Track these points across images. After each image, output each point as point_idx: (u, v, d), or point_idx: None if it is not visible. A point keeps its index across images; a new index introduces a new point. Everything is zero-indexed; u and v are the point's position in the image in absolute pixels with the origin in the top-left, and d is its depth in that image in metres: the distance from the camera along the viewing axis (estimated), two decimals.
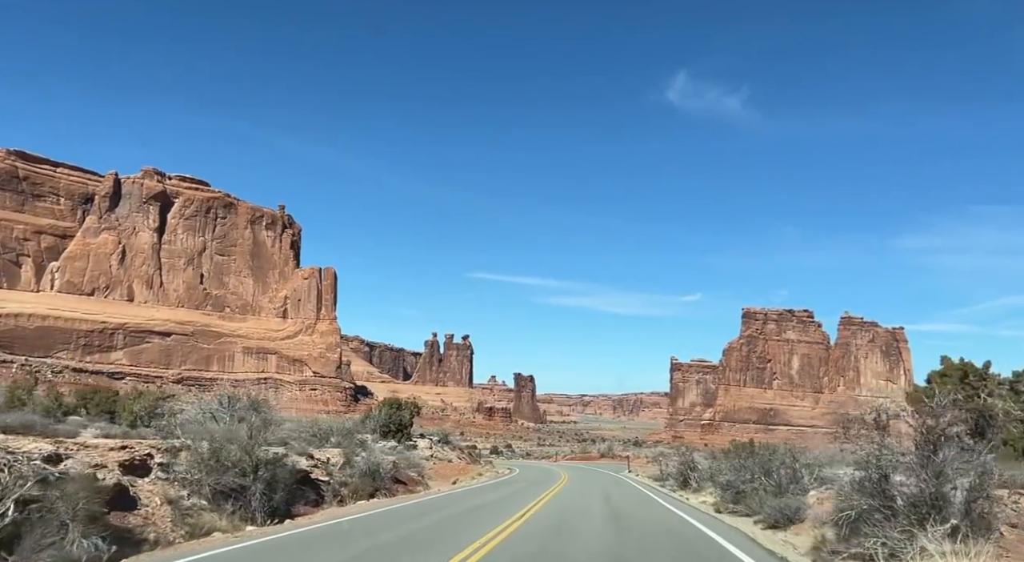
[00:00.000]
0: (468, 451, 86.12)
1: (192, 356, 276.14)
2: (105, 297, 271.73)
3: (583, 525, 24.18)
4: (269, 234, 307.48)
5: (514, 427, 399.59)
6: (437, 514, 26.78)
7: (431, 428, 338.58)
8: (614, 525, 24.72)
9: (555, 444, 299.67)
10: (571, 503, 33.52)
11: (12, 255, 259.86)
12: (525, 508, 29.03)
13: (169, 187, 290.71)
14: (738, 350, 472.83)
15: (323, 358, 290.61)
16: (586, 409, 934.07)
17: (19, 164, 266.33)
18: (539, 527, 22.85)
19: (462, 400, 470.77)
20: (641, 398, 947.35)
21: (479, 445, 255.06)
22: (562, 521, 25.02)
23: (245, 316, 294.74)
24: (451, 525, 23.18)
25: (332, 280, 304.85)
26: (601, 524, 24.79)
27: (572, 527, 23.39)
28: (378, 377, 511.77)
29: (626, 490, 45.99)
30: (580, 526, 23.85)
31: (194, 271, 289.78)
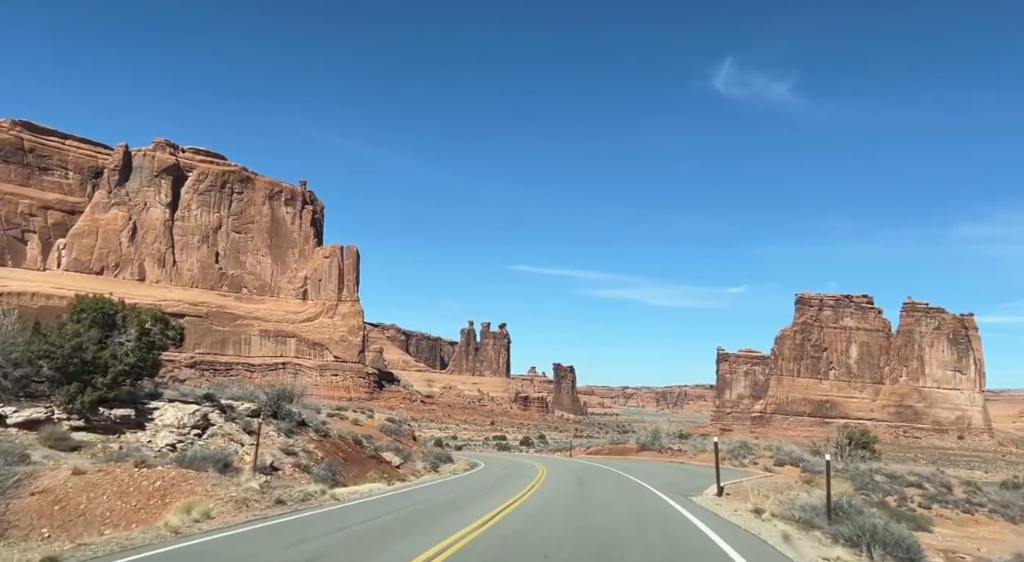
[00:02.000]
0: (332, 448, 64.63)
1: (206, 339, 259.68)
2: (114, 276, 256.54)
3: None
4: (288, 210, 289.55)
5: (551, 418, 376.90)
6: None
7: (466, 417, 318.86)
8: None
9: (593, 436, 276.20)
10: None
11: (17, 231, 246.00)
12: None
13: (182, 160, 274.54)
14: (791, 338, 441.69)
15: (345, 342, 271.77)
16: (628, 401, 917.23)
17: (25, 135, 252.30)
18: None
19: (499, 390, 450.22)
20: (685, 390, 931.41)
21: (510, 435, 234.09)
22: None
23: (263, 297, 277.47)
24: None
25: (355, 259, 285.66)
26: None
27: None
28: (414, 366, 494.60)
29: None
30: None
31: (209, 249, 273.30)
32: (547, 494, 26.01)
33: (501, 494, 25.95)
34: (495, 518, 18.51)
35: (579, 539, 15.41)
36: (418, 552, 13.35)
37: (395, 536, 15.57)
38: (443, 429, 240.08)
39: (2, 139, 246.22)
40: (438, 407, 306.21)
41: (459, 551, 13.62)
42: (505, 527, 16.95)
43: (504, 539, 15.21)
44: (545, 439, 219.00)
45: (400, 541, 14.76)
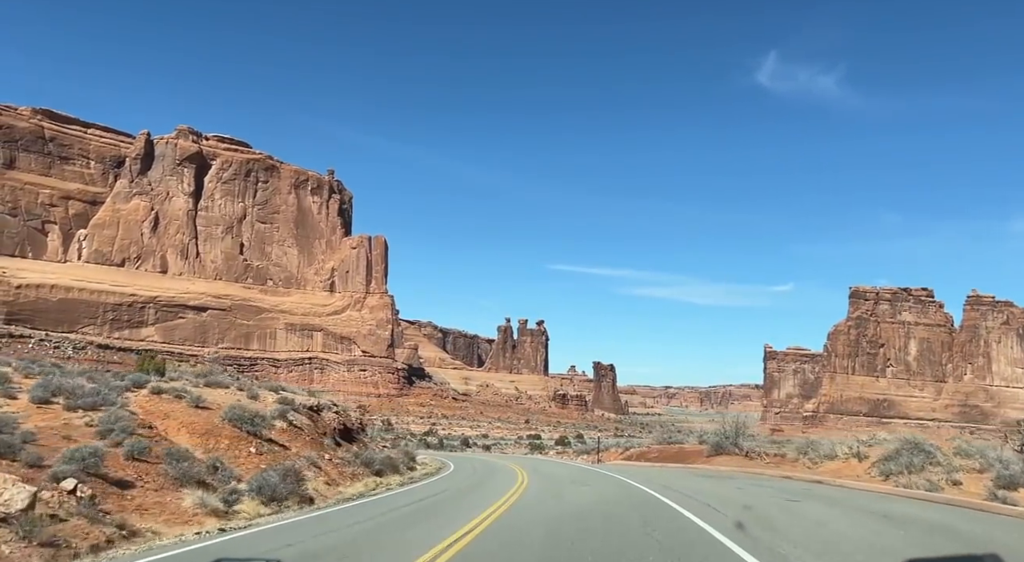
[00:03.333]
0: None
1: (230, 333, 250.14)
2: (136, 268, 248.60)
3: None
4: (315, 200, 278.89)
5: (590, 417, 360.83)
6: None
7: (500, 416, 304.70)
8: None
9: (635, 435, 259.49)
10: None
11: (37, 222, 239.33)
12: None
13: (206, 148, 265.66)
14: (845, 334, 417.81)
15: (373, 335, 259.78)
16: (671, 401, 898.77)
17: (46, 124, 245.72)
18: None
19: (537, 388, 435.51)
20: (730, 390, 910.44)
21: (545, 434, 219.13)
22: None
23: (289, 290, 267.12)
24: None
25: (383, 249, 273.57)
26: None
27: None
28: (450, 363, 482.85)
29: None
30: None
31: (233, 240, 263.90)
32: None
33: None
34: None
35: None
36: None
37: None
38: (474, 427, 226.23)
39: (23, 128, 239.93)
40: (471, 405, 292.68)
41: None
42: None
43: None
44: (583, 438, 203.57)
45: None
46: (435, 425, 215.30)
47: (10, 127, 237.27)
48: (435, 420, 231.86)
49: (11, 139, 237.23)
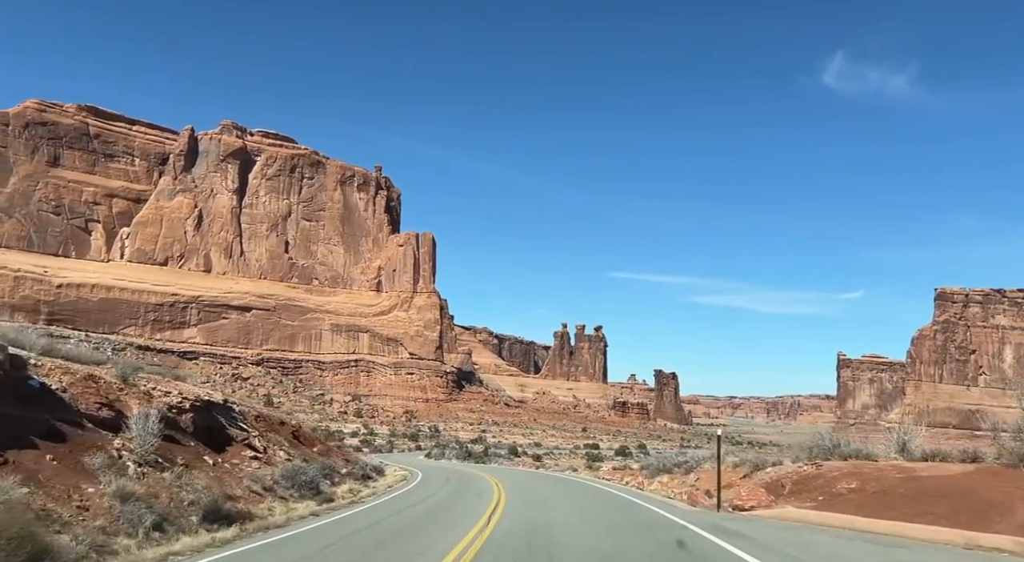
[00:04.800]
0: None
1: (274, 334, 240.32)
2: (179, 267, 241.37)
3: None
4: (361, 196, 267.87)
5: (652, 426, 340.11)
6: None
7: (551, 422, 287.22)
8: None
9: (702, 445, 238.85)
10: None
11: (81, 221, 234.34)
12: None
13: (250, 143, 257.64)
14: (931, 338, 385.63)
15: (420, 337, 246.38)
16: (736, 412, 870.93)
17: (91, 121, 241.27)
18: None
19: (596, 396, 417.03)
20: (798, 401, 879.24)
21: (604, 443, 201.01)
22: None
23: (334, 289, 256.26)
24: None
25: (430, 247, 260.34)
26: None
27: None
28: (506, 370, 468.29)
29: None
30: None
31: (278, 238, 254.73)
32: None
33: None
34: None
35: None
36: None
37: None
38: (527, 435, 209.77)
39: (67, 124, 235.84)
40: (524, 411, 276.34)
41: None
42: None
43: None
44: (646, 449, 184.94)
45: None
46: (485, 432, 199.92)
47: (55, 124, 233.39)
48: (485, 427, 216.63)
49: (56, 136, 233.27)
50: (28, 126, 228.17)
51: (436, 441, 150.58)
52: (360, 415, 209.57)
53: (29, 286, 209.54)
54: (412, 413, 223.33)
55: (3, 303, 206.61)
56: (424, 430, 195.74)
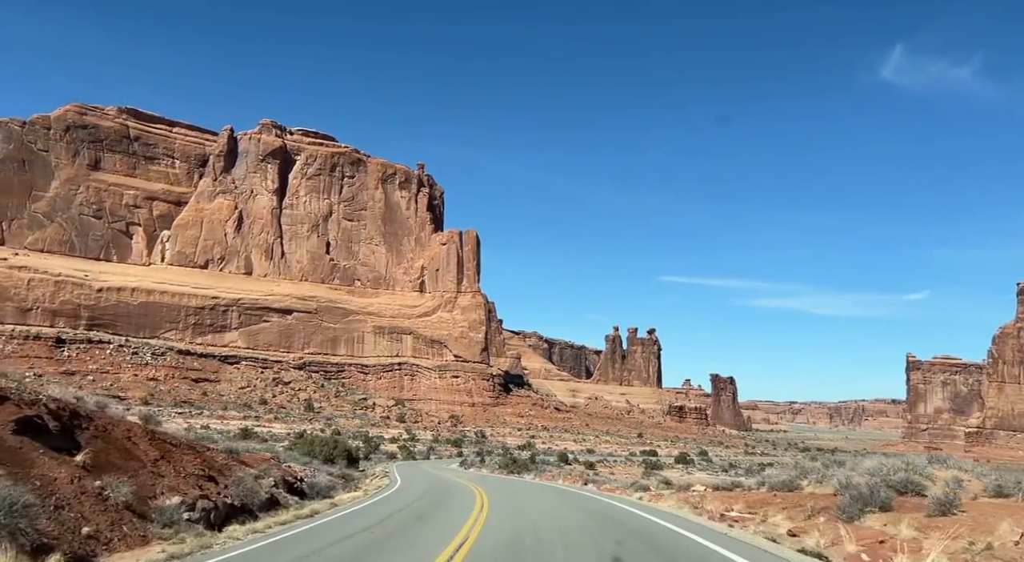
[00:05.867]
0: None
1: (316, 337, 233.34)
2: (220, 269, 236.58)
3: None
4: (403, 194, 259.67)
5: (711, 432, 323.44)
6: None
7: (605, 428, 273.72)
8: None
9: (768, 452, 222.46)
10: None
11: (122, 224, 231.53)
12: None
13: (290, 142, 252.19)
14: (1015, 337, 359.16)
15: (465, 338, 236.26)
16: (796, 417, 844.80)
17: (131, 123, 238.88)
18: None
19: (650, 401, 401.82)
20: (863, 405, 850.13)
21: (662, 450, 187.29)
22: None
23: (377, 290, 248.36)
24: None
25: (474, 245, 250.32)
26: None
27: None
28: (556, 375, 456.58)
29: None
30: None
31: (319, 238, 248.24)
32: None
33: None
34: None
35: None
36: None
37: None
38: (579, 441, 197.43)
39: (108, 127, 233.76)
40: (575, 416, 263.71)
41: None
42: None
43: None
44: (708, 456, 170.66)
45: None
46: (534, 438, 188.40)
47: (95, 127, 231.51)
48: (534, 432, 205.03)
49: (96, 139, 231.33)
50: (69, 129, 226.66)
51: (480, 447, 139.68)
52: (403, 420, 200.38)
53: (70, 291, 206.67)
54: (457, 418, 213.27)
55: (44, 308, 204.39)
56: (470, 435, 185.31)
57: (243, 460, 21.79)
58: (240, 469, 18.67)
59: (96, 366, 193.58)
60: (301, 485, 22.87)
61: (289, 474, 23.20)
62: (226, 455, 20.30)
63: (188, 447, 17.54)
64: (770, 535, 16.03)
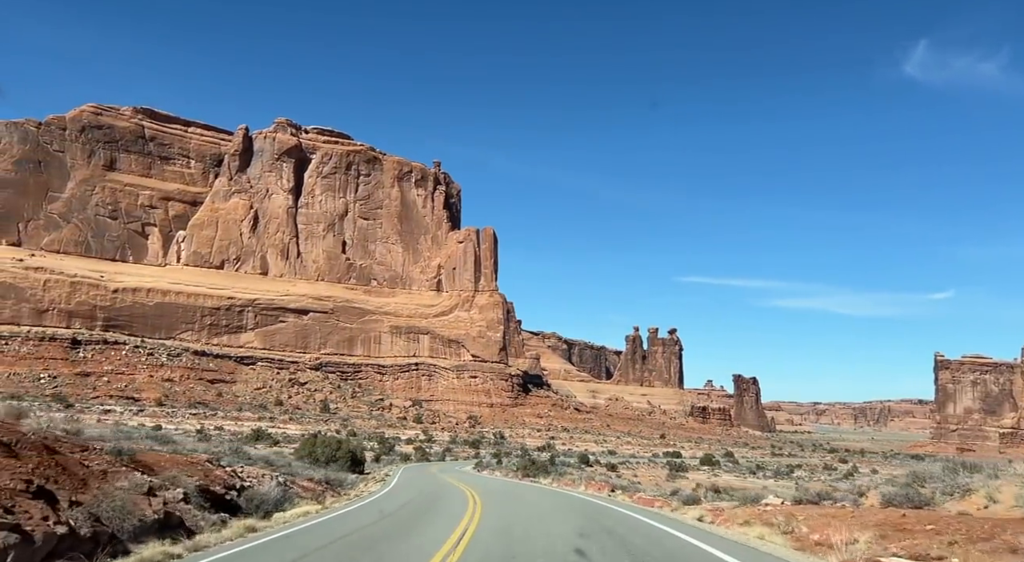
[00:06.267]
0: None
1: (332, 337, 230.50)
2: (236, 269, 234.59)
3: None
4: (419, 192, 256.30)
5: (735, 433, 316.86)
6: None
7: (626, 429, 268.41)
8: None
9: (795, 454, 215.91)
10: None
11: (137, 224, 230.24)
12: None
13: (305, 141, 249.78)
14: None
15: (483, 338, 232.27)
16: (820, 418, 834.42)
17: (147, 123, 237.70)
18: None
19: (672, 402, 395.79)
20: (888, 406, 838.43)
21: (687, 451, 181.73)
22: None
23: (393, 290, 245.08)
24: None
25: (491, 242, 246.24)
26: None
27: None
28: (576, 375, 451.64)
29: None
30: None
31: (335, 238, 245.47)
32: None
33: None
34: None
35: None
36: None
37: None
38: (600, 442, 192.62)
39: (123, 127, 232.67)
40: (596, 417, 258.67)
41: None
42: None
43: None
44: (734, 458, 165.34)
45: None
46: (553, 439, 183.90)
47: (111, 127, 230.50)
48: (554, 433, 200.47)
49: (112, 140, 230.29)
50: (84, 130, 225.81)
51: (498, 449, 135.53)
52: (420, 421, 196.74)
53: (85, 291, 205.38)
54: (476, 419, 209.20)
55: (60, 309, 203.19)
56: (488, 436, 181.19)
57: (145, 463, 17.12)
58: (127, 477, 14.33)
59: (111, 367, 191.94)
60: (236, 497, 18.39)
61: (219, 482, 18.63)
62: (112, 457, 15.83)
63: (39, 447, 13.26)
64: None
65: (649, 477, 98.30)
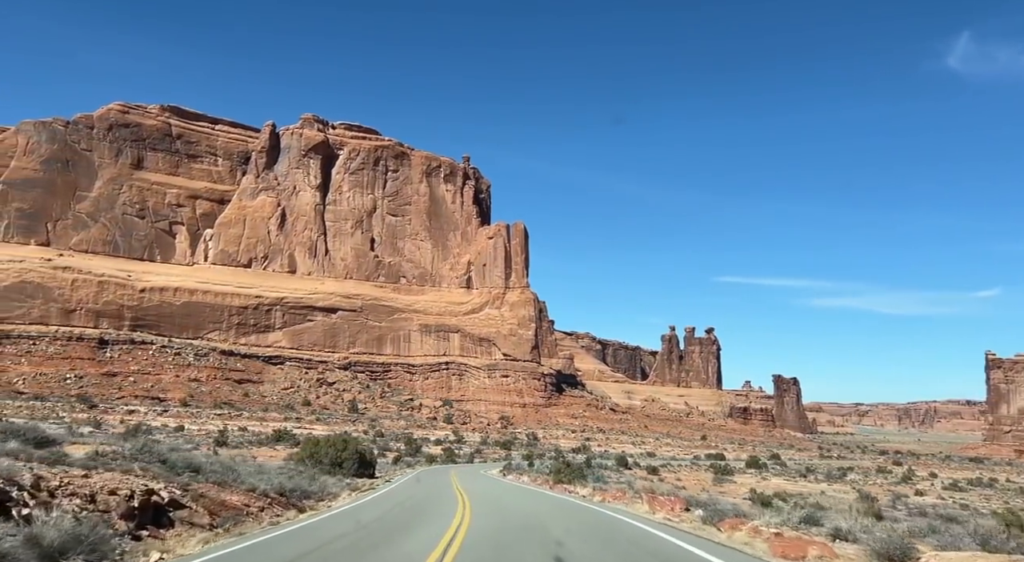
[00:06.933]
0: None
1: (361, 336, 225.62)
2: (263, 268, 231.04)
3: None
4: (448, 188, 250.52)
5: (778, 434, 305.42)
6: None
7: (664, 430, 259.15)
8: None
9: (844, 456, 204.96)
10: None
11: (165, 224, 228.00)
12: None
13: (332, 137, 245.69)
14: None
15: (514, 336, 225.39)
16: (862, 420, 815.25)
17: (173, 121, 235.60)
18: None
19: (710, 403, 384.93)
20: (934, 406, 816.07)
21: (730, 453, 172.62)
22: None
23: (423, 287, 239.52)
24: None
25: (522, 238, 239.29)
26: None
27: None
28: (611, 376, 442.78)
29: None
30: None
31: (363, 235, 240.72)
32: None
33: None
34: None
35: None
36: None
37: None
38: (637, 444, 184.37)
39: (150, 126, 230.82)
40: (633, 417, 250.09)
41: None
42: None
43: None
44: (781, 460, 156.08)
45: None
46: (589, 440, 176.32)
47: (138, 125, 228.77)
48: (589, 434, 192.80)
49: (139, 138, 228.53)
50: (112, 128, 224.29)
51: (530, 450, 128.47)
52: (450, 421, 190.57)
53: (112, 291, 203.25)
54: (508, 419, 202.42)
55: (88, 309, 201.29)
56: (521, 437, 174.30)
57: None
58: None
59: (137, 367, 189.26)
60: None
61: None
62: None
63: None
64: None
65: (694, 481, 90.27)
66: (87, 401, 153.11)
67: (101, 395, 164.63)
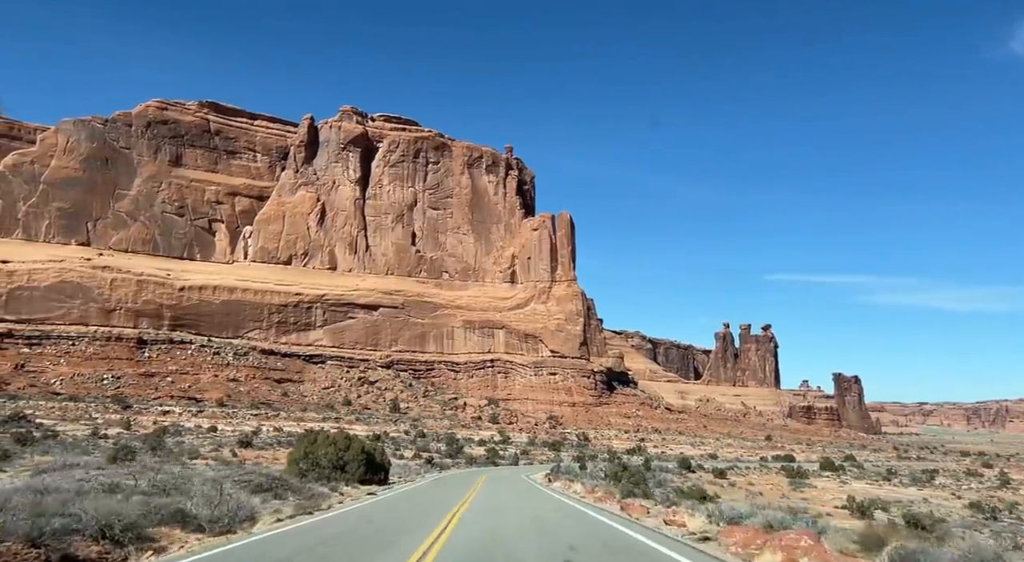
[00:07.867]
0: None
1: (404, 334, 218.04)
2: (303, 265, 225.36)
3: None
4: (490, 179, 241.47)
5: (846, 434, 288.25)
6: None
7: (724, 429, 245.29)
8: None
9: (924, 457, 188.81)
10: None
11: (204, 221, 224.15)
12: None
13: (371, 129, 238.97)
14: None
15: (562, 332, 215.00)
16: (927, 419, 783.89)
17: (212, 117, 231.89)
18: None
19: (768, 402, 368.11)
20: (1006, 406, 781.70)
21: (799, 455, 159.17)
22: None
23: (465, 282, 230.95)
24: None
25: (568, 229, 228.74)
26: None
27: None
28: (663, 376, 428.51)
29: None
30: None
31: (404, 229, 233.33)
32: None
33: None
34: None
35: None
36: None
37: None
38: (696, 445, 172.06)
39: (189, 122, 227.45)
40: (690, 417, 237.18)
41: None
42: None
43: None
44: (856, 461, 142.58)
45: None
46: (644, 441, 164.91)
47: (176, 122, 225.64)
48: (644, 434, 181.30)
49: (177, 135, 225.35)
50: (150, 125, 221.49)
51: (580, 451, 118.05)
52: (496, 421, 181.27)
53: (152, 290, 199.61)
54: (556, 419, 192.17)
55: (127, 308, 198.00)
56: (571, 438, 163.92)
57: None
58: None
59: (176, 367, 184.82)
60: None
61: None
62: None
63: None
64: None
65: (768, 485, 79.22)
66: (122, 402, 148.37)
67: (137, 396, 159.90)
